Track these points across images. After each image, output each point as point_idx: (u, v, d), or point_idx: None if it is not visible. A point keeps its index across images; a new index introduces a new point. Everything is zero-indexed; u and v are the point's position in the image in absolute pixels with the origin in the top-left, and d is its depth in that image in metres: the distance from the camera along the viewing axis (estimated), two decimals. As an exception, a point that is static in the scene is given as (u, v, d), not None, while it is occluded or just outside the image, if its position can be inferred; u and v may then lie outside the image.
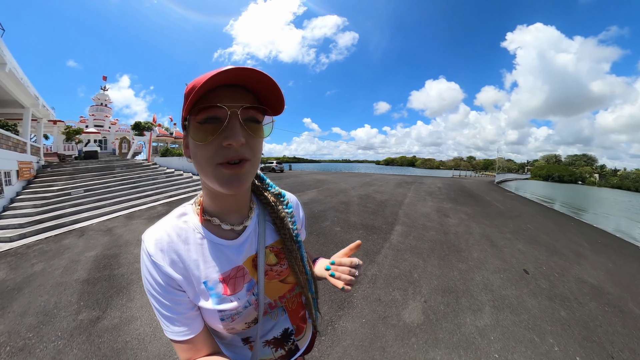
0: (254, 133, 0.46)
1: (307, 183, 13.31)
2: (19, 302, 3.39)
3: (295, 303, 0.69)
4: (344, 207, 7.52)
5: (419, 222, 5.79)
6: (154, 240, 0.53)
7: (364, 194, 9.84)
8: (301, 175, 19.94)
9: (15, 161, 8.28)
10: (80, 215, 7.22)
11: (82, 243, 5.35)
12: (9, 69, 7.35)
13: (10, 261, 4.81)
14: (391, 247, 4.34)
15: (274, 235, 0.65)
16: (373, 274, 3.39)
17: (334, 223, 5.69)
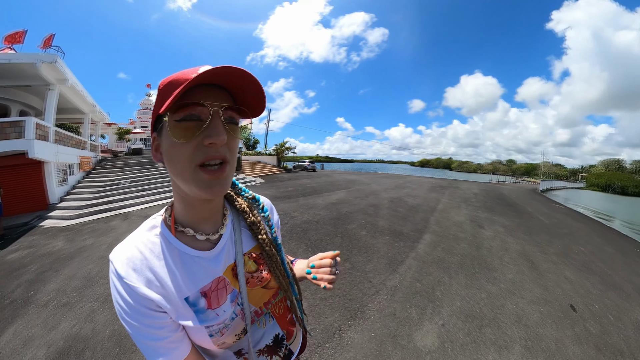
0: (234, 133, 0.45)
1: (337, 183, 13.03)
2: (69, 268, 4.00)
3: (282, 307, 0.67)
4: (373, 210, 7.20)
5: (450, 232, 5.27)
6: (125, 259, 0.47)
7: (395, 197, 9.40)
8: (332, 174, 19.64)
9: (77, 156, 9.84)
10: (126, 202, 8.13)
11: (125, 225, 6.11)
12: (70, 84, 8.76)
13: (68, 235, 5.69)
14: (417, 257, 3.99)
15: (251, 241, 0.62)
16: (393, 286, 3.12)
17: (361, 226, 5.48)
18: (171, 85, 0.41)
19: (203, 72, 0.37)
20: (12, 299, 3.23)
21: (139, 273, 0.47)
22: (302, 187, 11.34)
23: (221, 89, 0.44)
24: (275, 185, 12.22)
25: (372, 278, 3.40)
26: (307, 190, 10.50)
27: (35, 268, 4.12)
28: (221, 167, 0.43)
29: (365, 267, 3.72)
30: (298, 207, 7.30)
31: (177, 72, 0.43)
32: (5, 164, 7.19)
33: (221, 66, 0.38)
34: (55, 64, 7.53)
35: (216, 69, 0.38)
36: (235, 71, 0.40)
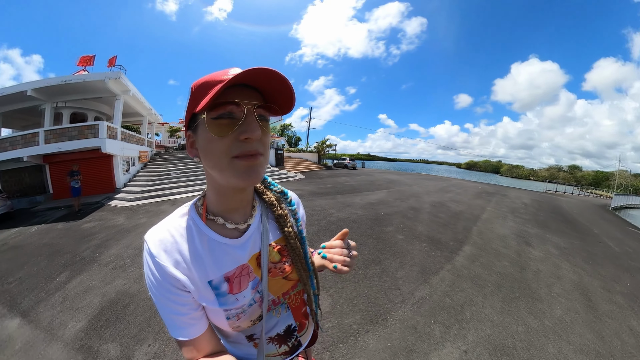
0: (266, 129, 0.48)
1: (377, 182, 12.51)
2: (126, 239, 4.65)
3: (298, 300, 0.69)
4: (413, 213, 6.70)
5: (492, 246, 4.69)
6: (157, 241, 0.51)
7: (437, 201, 8.60)
8: (373, 173, 18.85)
9: (138, 151, 11.68)
10: (175, 190, 9.11)
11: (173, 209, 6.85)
12: (131, 94, 10.61)
13: (128, 213, 6.72)
14: (452, 270, 3.63)
15: (277, 233, 0.64)
16: (421, 297, 2.89)
17: (398, 230, 5.18)
18: (204, 86, 0.44)
19: (238, 74, 0.40)
20: (82, 257, 3.99)
21: (169, 254, 0.50)
22: (341, 185, 11.12)
23: (251, 88, 0.47)
24: (314, 182, 12.25)
25: (401, 285, 3.23)
26: (345, 188, 10.29)
27: (101, 236, 4.93)
28: (255, 156, 0.46)
29: (396, 273, 3.54)
30: (335, 204, 7.21)
31: (208, 75, 0.46)
32: (85, 157, 9.18)
33: (252, 68, 0.41)
34: (119, 79, 9.27)
35: (248, 71, 0.41)
36: (265, 72, 0.42)
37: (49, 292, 3.08)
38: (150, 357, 2.01)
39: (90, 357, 2.06)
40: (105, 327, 2.38)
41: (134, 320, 2.43)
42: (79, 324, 2.45)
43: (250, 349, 0.63)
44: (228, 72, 0.43)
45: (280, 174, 12.86)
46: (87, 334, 2.31)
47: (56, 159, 9.32)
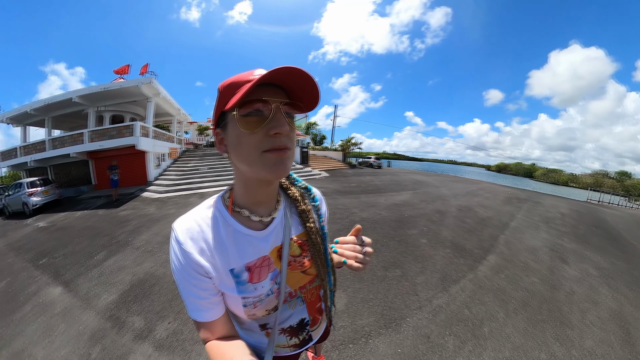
0: (292, 125, 0.50)
1: (403, 183, 11.97)
2: (156, 227, 4.96)
3: (314, 295, 0.70)
4: (439, 217, 6.38)
5: (519, 258, 4.37)
6: (184, 229, 0.54)
7: (464, 205, 8.05)
8: (399, 173, 18.05)
9: (168, 147, 12.57)
10: (203, 184, 9.58)
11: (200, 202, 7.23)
12: (162, 96, 11.65)
13: (158, 204, 7.16)
14: (474, 280, 3.38)
15: (299, 227, 0.66)
16: (439, 305, 2.74)
17: (422, 234, 4.97)
18: (231, 87, 0.47)
19: (266, 73, 0.42)
20: (118, 240, 4.36)
21: (194, 242, 0.53)
22: (366, 184, 10.89)
23: (277, 87, 0.49)
24: (339, 180, 12.09)
25: (419, 291, 3.10)
26: (370, 187, 10.06)
27: (135, 223, 5.33)
28: (284, 150, 0.48)
29: (416, 278, 3.41)
30: (359, 203, 7.08)
31: (234, 76, 0.49)
32: (122, 153, 10.20)
33: (278, 67, 0.42)
34: (151, 84, 10.36)
35: (274, 70, 0.42)
36: (290, 70, 0.43)
37: (88, 267, 3.42)
38: (169, 333, 2.13)
39: (118, 326, 2.27)
40: (132, 302, 2.58)
41: (158, 299, 2.59)
42: (111, 297, 2.70)
43: (262, 338, 0.65)
44: (254, 73, 0.47)
45: (304, 172, 12.91)
46: (117, 306, 2.54)
47: (98, 155, 10.53)
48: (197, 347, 1.96)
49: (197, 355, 1.88)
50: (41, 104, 10.99)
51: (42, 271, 3.55)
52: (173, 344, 2.00)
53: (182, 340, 2.03)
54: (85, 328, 2.31)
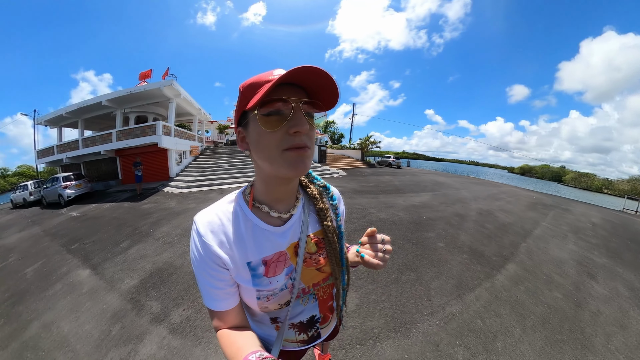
0: (312, 124, 0.51)
1: (422, 184, 11.55)
2: (176, 220, 5.16)
3: (327, 293, 0.70)
4: (458, 220, 6.13)
5: (542, 270, 4.02)
6: (205, 222, 0.57)
7: (485, 209, 7.68)
8: (418, 173, 17.37)
9: (189, 145, 13.05)
10: (222, 181, 9.88)
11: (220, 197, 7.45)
12: (182, 97, 12.20)
13: (179, 199, 7.44)
14: (491, 289, 3.21)
15: (316, 225, 0.66)
16: (451, 313, 2.62)
17: (439, 237, 4.83)
18: (252, 87, 0.48)
19: (285, 73, 0.43)
20: (140, 231, 4.58)
21: (215, 235, 0.56)
22: (384, 184, 10.65)
23: (296, 86, 0.49)
24: (356, 179, 11.87)
25: (432, 297, 3.00)
26: (389, 187, 9.84)
27: (156, 216, 5.59)
28: (304, 148, 0.49)
29: (430, 283, 3.31)
30: (377, 204, 6.94)
31: (254, 76, 0.50)
32: (145, 151, 10.86)
33: (297, 67, 0.43)
34: (172, 86, 10.95)
35: (294, 70, 0.43)
36: (309, 69, 0.44)
37: (113, 254, 3.65)
38: (183, 319, 2.22)
39: (137, 308, 2.41)
40: (151, 288, 2.71)
41: (175, 287, 2.70)
42: (133, 282, 2.86)
43: (272, 331, 0.67)
44: (273, 73, 0.48)
45: (322, 171, 12.86)
46: (137, 290, 2.69)
47: (124, 152, 11.38)
48: (207, 334, 2.02)
49: (207, 342, 1.94)
50: (74, 108, 12.32)
51: (73, 255, 3.84)
52: (186, 330, 2.08)
53: (194, 327, 2.10)
54: (108, 307, 2.48)
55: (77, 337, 2.19)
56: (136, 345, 2.00)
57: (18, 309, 2.72)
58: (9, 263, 4.07)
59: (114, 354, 1.95)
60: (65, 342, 2.15)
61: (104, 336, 2.14)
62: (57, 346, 2.13)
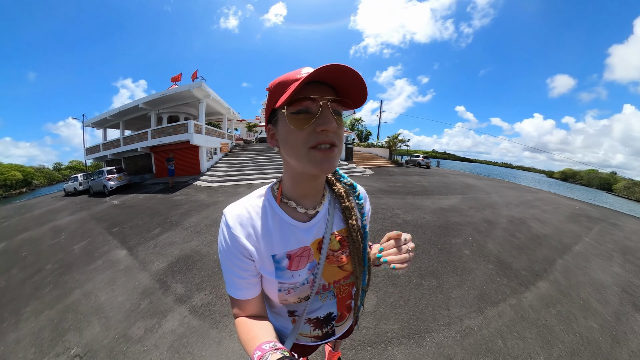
0: (340, 122, 0.51)
1: (452, 186, 11.02)
2: (205, 212, 5.45)
3: (346, 291, 0.71)
4: (487, 227, 5.66)
5: (579, 293, 3.43)
6: (235, 215, 0.59)
7: (518, 217, 7.01)
8: (448, 175, 16.52)
9: (219, 142, 14.00)
10: (251, 177, 10.19)
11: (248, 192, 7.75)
12: (212, 97, 12.99)
13: (209, 192, 7.86)
14: (517, 307, 2.85)
15: (341, 223, 0.67)
16: (469, 327, 2.42)
17: (466, 244, 4.52)
18: (281, 85, 0.49)
19: (313, 71, 0.44)
20: (171, 220, 4.92)
21: (243, 227, 0.58)
22: (412, 185, 10.30)
23: (324, 85, 0.50)
24: (383, 178, 11.54)
25: (451, 307, 2.81)
26: (417, 188, 9.49)
27: (186, 207, 5.97)
28: (330, 148, 0.49)
29: (451, 291, 3.12)
30: (404, 205, 6.74)
31: (282, 75, 0.51)
32: (178, 147, 11.80)
33: (325, 65, 0.44)
34: (201, 87, 11.74)
35: (321, 68, 0.44)
36: (336, 67, 0.45)
37: (146, 238, 3.98)
38: (204, 303, 2.35)
39: (164, 288, 2.62)
40: (177, 272, 2.90)
41: (199, 273, 2.87)
42: (161, 265, 3.10)
43: (288, 324, 0.69)
44: (301, 72, 0.48)
45: (349, 169, 12.80)
46: (165, 273, 2.91)
47: (159, 149, 12.53)
48: (224, 319, 2.12)
49: (223, 326, 2.04)
50: (115, 111, 14.18)
51: (113, 237, 4.26)
52: (205, 313, 2.20)
53: (213, 312, 2.21)
54: (139, 284, 2.72)
55: (111, 306, 2.44)
56: (160, 320, 2.17)
57: (64, 278, 3.10)
58: (60, 240, 4.62)
59: (140, 324, 2.15)
60: (101, 309, 2.41)
61: (133, 308, 2.36)
62: (93, 312, 2.40)
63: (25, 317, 2.49)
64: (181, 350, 1.85)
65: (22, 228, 6.34)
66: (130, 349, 1.91)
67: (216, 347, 1.86)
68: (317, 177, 0.58)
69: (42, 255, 4.05)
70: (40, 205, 10.07)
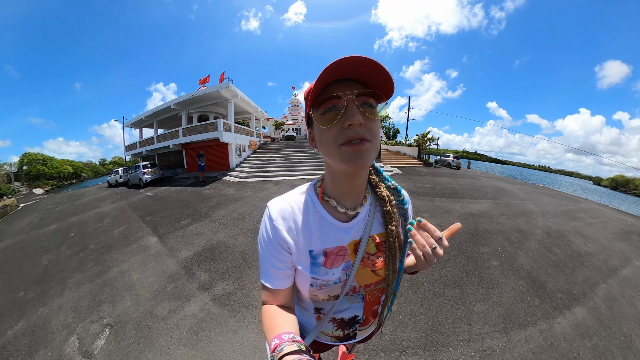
0: (371, 115, 0.50)
1: (483, 189, 10.39)
2: (233, 206, 5.67)
3: (375, 296, 0.70)
4: (519, 237, 5.12)
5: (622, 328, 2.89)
6: (278, 209, 0.61)
7: (555, 229, 6.16)
8: (479, 177, 15.20)
9: (248, 140, 14.75)
10: (278, 173, 10.42)
11: (275, 188, 7.85)
12: (240, 97, 13.81)
13: (237, 187, 8.16)
14: (547, 334, 2.48)
15: (380, 227, 0.66)
16: (490, 347, 2.20)
17: (495, 254, 4.15)
18: (311, 90, 0.51)
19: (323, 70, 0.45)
20: (200, 212, 5.19)
21: (285, 221, 0.60)
22: (442, 186, 9.77)
23: (353, 81, 0.50)
24: (412, 179, 11.10)
25: (473, 322, 2.57)
26: (446, 191, 9.05)
27: (215, 200, 6.27)
28: (361, 142, 0.48)
29: (474, 305, 2.88)
30: (432, 207, 6.48)
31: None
32: (208, 145, 12.46)
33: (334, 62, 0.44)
34: (229, 88, 12.39)
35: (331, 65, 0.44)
36: (349, 61, 0.44)
37: (176, 228, 4.25)
38: (225, 292, 2.45)
39: (188, 274, 2.79)
40: (203, 261, 3.06)
41: (223, 264, 2.99)
42: (188, 253, 3.29)
43: (312, 320, 0.71)
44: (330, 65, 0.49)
45: None
46: (191, 261, 3.08)
47: (190, 146, 13.48)
48: (244, 310, 2.19)
49: (242, 316, 2.11)
50: (150, 112, 15.88)
51: (147, 224, 4.61)
52: (225, 302, 2.29)
53: (233, 302, 2.30)
54: (167, 269, 2.92)
55: (142, 285, 2.68)
56: (183, 303, 2.32)
57: (104, 257, 3.47)
58: (103, 224, 5.11)
59: (165, 305, 2.33)
60: (133, 287, 2.67)
61: (160, 290, 2.56)
62: (126, 288, 2.66)
63: (69, 287, 2.82)
64: (199, 333, 1.95)
65: (71, 212, 7.11)
66: (155, 325, 2.07)
67: (232, 335, 1.93)
68: (356, 176, 0.58)
69: (87, 236, 4.53)
70: (88, 194, 11.34)
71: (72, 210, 7.54)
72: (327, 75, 0.46)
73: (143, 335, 1.98)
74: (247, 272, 2.78)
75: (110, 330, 2.08)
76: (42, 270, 3.37)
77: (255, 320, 2.09)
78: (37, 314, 2.43)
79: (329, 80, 0.48)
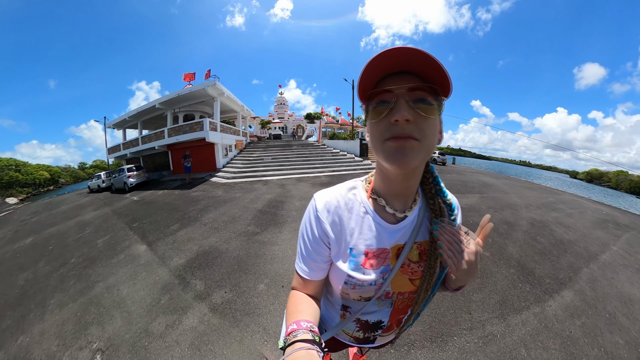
0: (423, 112, 0.46)
1: (469, 184, 10.84)
2: (222, 208, 5.49)
3: (404, 305, 0.67)
4: (506, 229, 5.45)
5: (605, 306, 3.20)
6: (324, 201, 0.61)
7: (539, 219, 6.69)
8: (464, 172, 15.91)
9: (234, 139, 14.25)
10: (266, 173, 10.24)
11: (264, 189, 7.66)
12: (226, 95, 13.13)
13: (225, 188, 7.93)
14: (541, 316, 2.67)
15: (427, 234, 0.62)
16: (491, 333, 2.34)
17: (485, 245, 4.28)
18: (360, 81, 0.49)
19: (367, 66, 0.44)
20: (189, 216, 4.98)
21: (329, 214, 0.60)
22: None
23: (410, 74, 0.47)
24: None
25: (473, 310, 2.69)
26: None
27: (204, 203, 6.05)
28: (405, 139, 0.46)
29: (472, 294, 3.00)
30: None
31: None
32: (194, 145, 11.98)
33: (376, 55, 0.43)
34: (215, 86, 11.90)
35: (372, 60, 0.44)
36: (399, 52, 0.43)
37: (165, 234, 4.03)
38: (224, 300, 2.34)
39: (183, 284, 2.62)
40: (197, 268, 2.92)
41: (218, 270, 2.87)
42: (180, 261, 3.12)
43: (336, 316, 0.69)
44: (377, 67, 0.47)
45: (364, 164, 12.67)
46: (184, 269, 2.92)
47: (175, 147, 12.94)
48: (246, 318, 2.09)
49: (244, 325, 2.01)
50: (134, 112, 15.02)
51: (134, 232, 4.36)
52: (225, 311, 2.19)
53: (234, 310, 2.20)
54: (159, 280, 2.74)
55: (132, 300, 2.48)
56: (180, 316, 2.18)
57: (88, 272, 3.20)
58: (85, 234, 4.79)
59: (161, 320, 2.16)
60: (123, 304, 2.45)
61: (154, 303, 2.39)
62: (115, 305, 2.44)
63: (50, 309, 2.57)
64: (202, 348, 1.84)
65: (49, 223, 6.67)
66: (152, 344, 1.92)
67: (238, 346, 1.84)
68: (407, 177, 0.54)
69: (67, 248, 4.22)
70: (67, 202, 10.65)
71: (49, 221, 7.07)
72: (373, 68, 0.45)
73: (140, 358, 1.83)
74: (244, 278, 2.68)
75: (101, 356, 1.89)
76: (19, 292, 3.03)
77: (259, 328, 2.01)
78: (16, 344, 2.15)
79: (381, 74, 0.47)
